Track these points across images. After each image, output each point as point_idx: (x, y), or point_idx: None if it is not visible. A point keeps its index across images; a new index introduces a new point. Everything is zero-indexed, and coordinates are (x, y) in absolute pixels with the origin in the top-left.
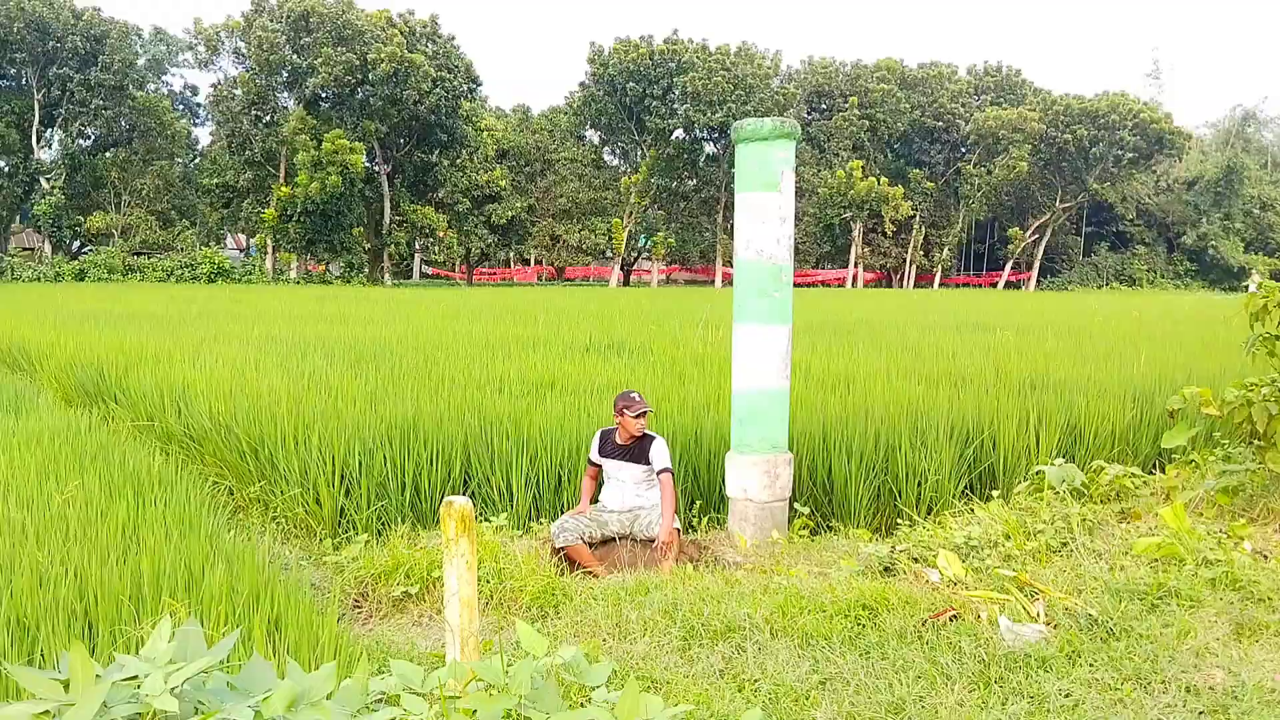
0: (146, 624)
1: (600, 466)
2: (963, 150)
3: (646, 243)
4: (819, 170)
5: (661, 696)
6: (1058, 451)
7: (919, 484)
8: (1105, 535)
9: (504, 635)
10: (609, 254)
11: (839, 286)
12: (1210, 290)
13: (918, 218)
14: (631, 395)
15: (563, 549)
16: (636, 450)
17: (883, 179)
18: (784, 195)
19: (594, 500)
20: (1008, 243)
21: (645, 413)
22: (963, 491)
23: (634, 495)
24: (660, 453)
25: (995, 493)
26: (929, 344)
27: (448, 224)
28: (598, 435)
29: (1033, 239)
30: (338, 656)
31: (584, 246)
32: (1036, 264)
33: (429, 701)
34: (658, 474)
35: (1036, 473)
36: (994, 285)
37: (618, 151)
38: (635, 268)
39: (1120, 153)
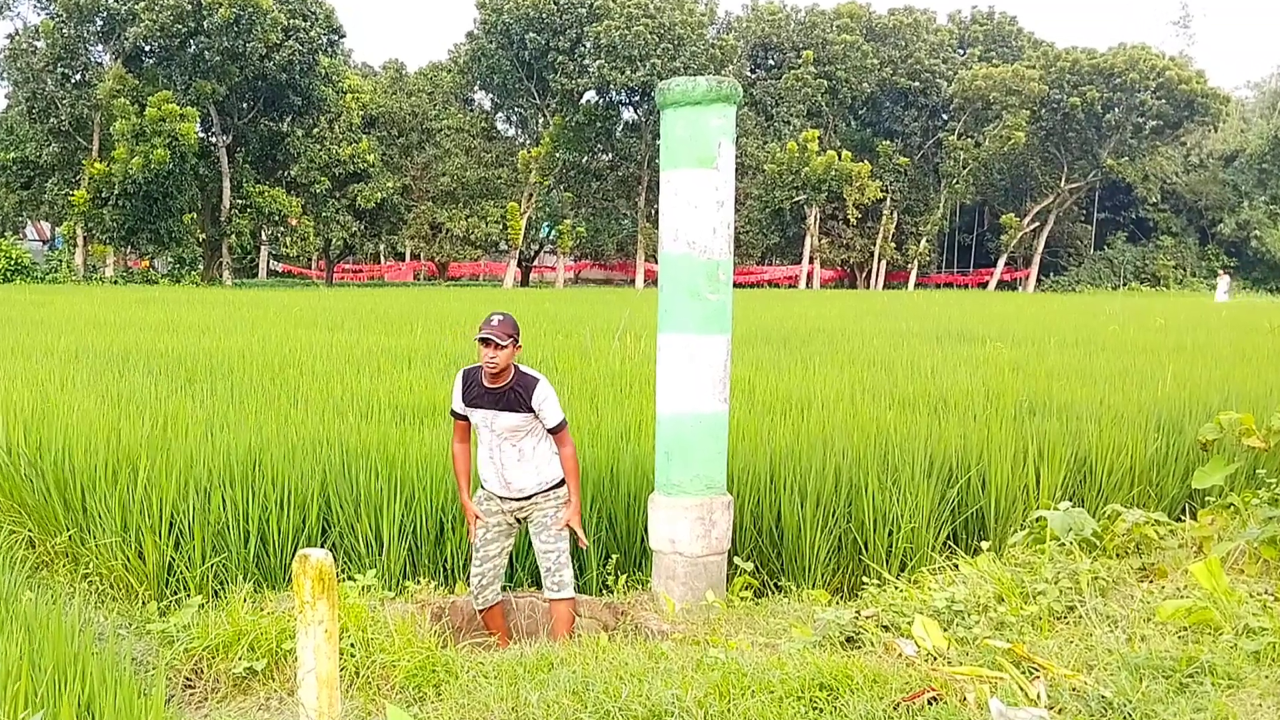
0: None
1: (466, 419)
2: (944, 117)
3: (550, 233)
4: (765, 142)
5: None
6: (1063, 493)
7: (890, 533)
8: (1122, 597)
9: None
10: (503, 247)
11: (790, 287)
12: (1254, 291)
13: (888, 201)
14: (491, 319)
15: (486, 609)
16: (510, 395)
17: (845, 153)
18: (722, 173)
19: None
20: (1000, 233)
21: (493, 342)
22: (944, 542)
23: (513, 458)
24: (547, 401)
25: (985, 544)
26: (902, 358)
27: (302, 209)
28: (459, 376)
29: (1032, 228)
30: None
31: (472, 237)
32: (1036, 259)
33: None
34: (551, 430)
35: (1036, 519)
36: (983, 285)
37: (514, 119)
38: (537, 264)
39: (1141, 120)
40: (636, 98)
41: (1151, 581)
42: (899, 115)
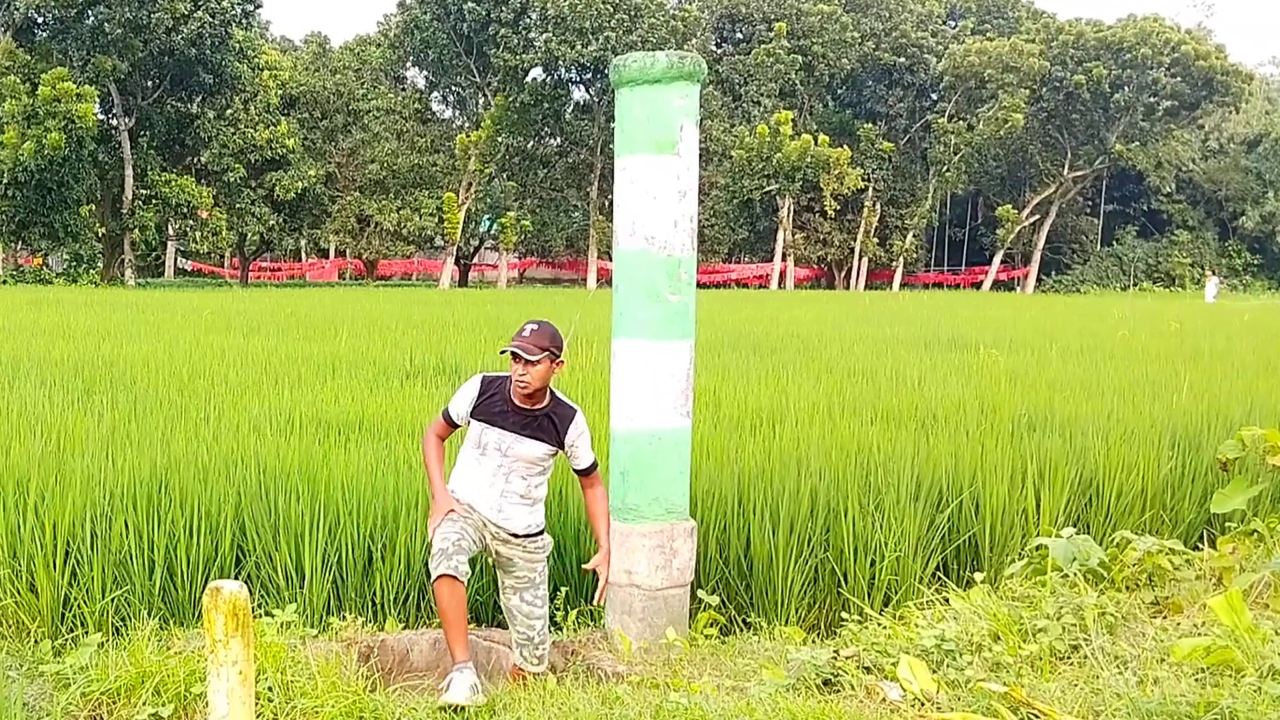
0: None
1: (460, 426)
2: (933, 97)
3: (491, 227)
4: (733, 125)
5: None
6: (1066, 518)
7: (872, 563)
8: (1133, 635)
9: None
10: (439, 242)
11: (761, 287)
12: (1243, 291)
13: (870, 192)
14: (523, 329)
15: (441, 577)
16: (542, 422)
17: (822, 137)
18: (684, 160)
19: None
20: (996, 226)
21: (522, 357)
22: (933, 574)
23: (518, 493)
24: (583, 438)
25: (979, 575)
26: (886, 367)
27: (214, 200)
28: (477, 381)
29: (1031, 222)
30: None
31: (404, 232)
32: (1037, 255)
33: None
34: (581, 471)
35: (1036, 547)
36: (977, 286)
37: (451, 99)
38: (477, 261)
39: (1153, 100)
40: (588, 75)
41: (1165, 617)
42: (882, 95)
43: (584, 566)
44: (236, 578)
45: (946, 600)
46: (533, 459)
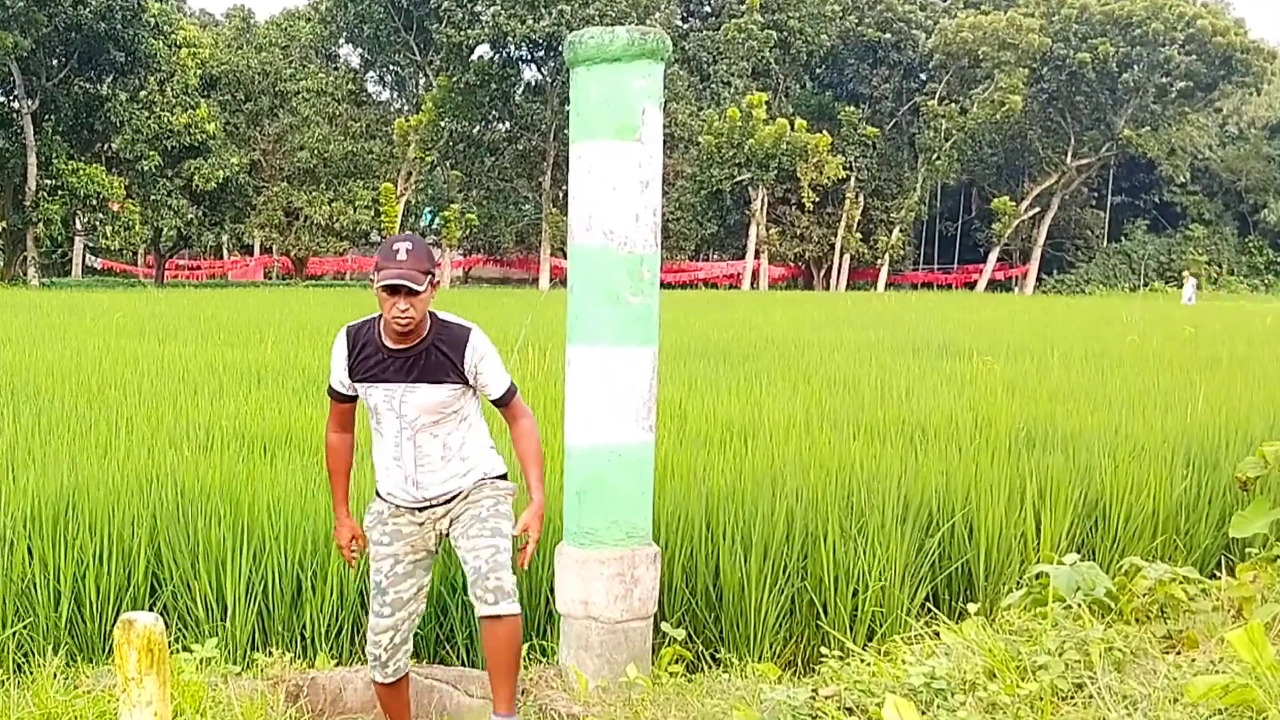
0: None
1: (352, 399)
2: (922, 78)
3: (433, 220)
4: (701, 108)
5: None
6: (1069, 543)
7: (855, 593)
8: (1143, 673)
9: None
10: (375, 238)
11: (732, 288)
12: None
13: (853, 182)
14: (394, 248)
15: (390, 684)
16: (428, 358)
17: (799, 122)
18: (646, 147)
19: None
20: (992, 220)
21: (405, 288)
22: (922, 604)
23: (433, 458)
24: (487, 358)
25: (972, 607)
26: (870, 376)
27: (126, 191)
28: (342, 336)
29: (1031, 215)
30: None
31: (337, 226)
32: (1037, 252)
33: None
34: (498, 402)
35: (1037, 575)
36: (970, 286)
37: (389, 79)
38: None
39: (1166, 81)
40: (541, 53)
41: (1179, 653)
42: (866, 75)
43: (514, 532)
44: (151, 609)
45: (937, 634)
46: (434, 407)
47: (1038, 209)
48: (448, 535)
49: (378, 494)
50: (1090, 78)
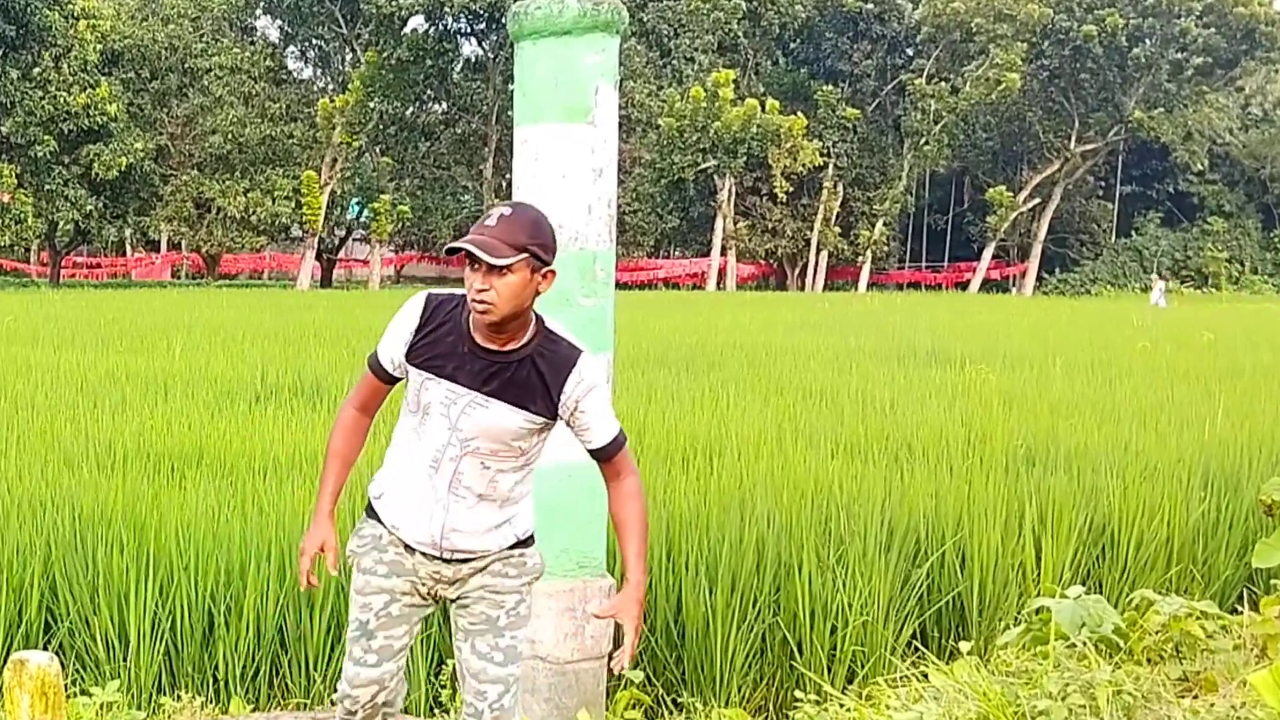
0: None
1: (393, 382)
2: (909, 53)
3: (361, 213)
4: (661, 87)
5: None
6: (1073, 574)
7: (833, 630)
8: (1156, 718)
9: None
10: (298, 232)
11: (696, 288)
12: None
13: (831, 170)
14: (494, 213)
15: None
16: (521, 371)
17: (771, 102)
18: (600, 130)
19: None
20: (987, 213)
21: (483, 261)
22: (909, 643)
23: (473, 493)
24: (594, 394)
25: (965, 645)
26: (851, 387)
27: (17, 180)
28: (420, 300)
29: (1031, 207)
30: None
31: (254, 220)
32: (1037, 249)
33: None
34: (598, 454)
35: (1037, 610)
36: (963, 286)
37: (313, 55)
38: (343, 256)
39: (1182, 56)
40: (481, 26)
41: (1196, 697)
42: (846, 50)
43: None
44: (46, 648)
45: (925, 675)
46: (502, 434)
47: (1038, 200)
48: (453, 601)
49: (374, 516)
50: (1097, 53)
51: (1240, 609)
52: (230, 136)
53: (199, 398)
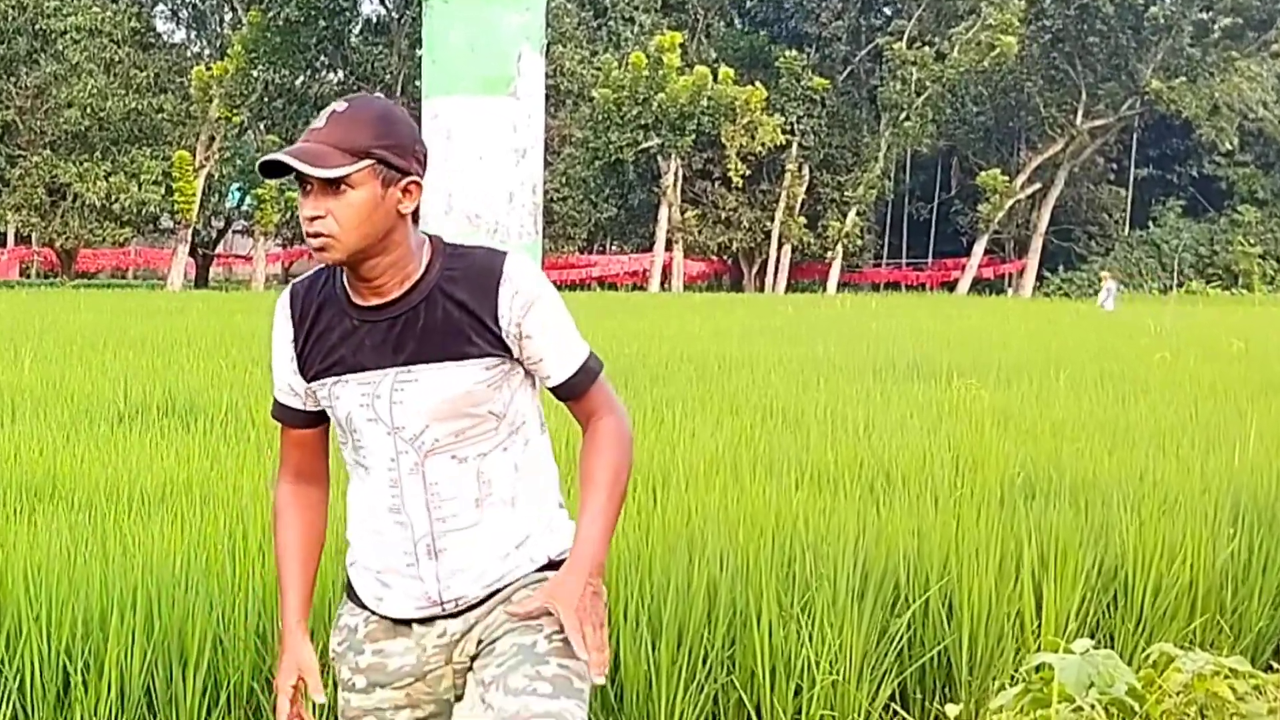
0: None
1: (317, 420)
2: (887, 13)
3: (243, 200)
4: (595, 52)
5: None
6: (1080, 625)
7: (797, 690)
8: None
9: None
10: (168, 223)
11: (637, 288)
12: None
13: (796, 150)
14: (330, 109)
15: None
16: (429, 314)
17: (724, 70)
18: (523, 104)
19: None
20: (978, 201)
21: (313, 173)
22: (887, 705)
23: (466, 507)
24: (537, 300)
25: (952, 709)
26: (818, 405)
27: None
28: (283, 304)
29: (1030, 193)
30: None
31: (117, 208)
32: (1038, 243)
33: None
34: (563, 392)
35: (1038, 668)
36: (950, 286)
37: (186, 16)
38: (222, 251)
39: (1207, 17)
40: None
41: None
42: (812, 10)
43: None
44: None
45: None
46: (455, 406)
47: (1038, 185)
48: (473, 660)
49: (349, 594)
50: (1108, 13)
51: (1276, 666)
52: (89, 110)
53: (52, 418)
